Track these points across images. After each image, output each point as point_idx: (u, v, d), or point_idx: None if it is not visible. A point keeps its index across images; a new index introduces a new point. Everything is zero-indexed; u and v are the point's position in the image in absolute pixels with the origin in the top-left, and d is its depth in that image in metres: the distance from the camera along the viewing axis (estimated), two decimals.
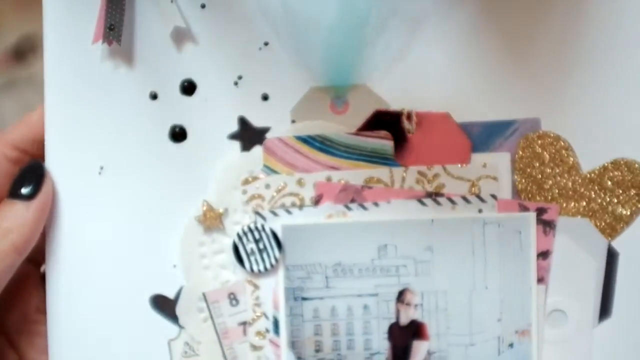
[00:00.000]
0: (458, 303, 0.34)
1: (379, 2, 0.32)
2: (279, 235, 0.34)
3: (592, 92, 0.34)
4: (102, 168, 0.35)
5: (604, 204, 0.34)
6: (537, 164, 0.34)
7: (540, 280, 0.34)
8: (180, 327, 0.35)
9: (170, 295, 0.35)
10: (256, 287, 0.34)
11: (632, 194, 0.34)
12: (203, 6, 0.33)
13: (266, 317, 0.34)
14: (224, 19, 0.33)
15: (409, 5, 0.33)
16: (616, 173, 0.34)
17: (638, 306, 0.34)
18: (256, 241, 0.34)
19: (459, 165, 0.34)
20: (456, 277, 0.34)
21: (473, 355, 0.34)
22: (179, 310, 0.34)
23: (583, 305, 0.35)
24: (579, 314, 0.35)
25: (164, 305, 0.35)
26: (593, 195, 0.34)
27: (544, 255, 0.34)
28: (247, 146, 0.34)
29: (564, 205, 0.34)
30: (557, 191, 0.34)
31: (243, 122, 0.34)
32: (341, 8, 0.33)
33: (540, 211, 0.34)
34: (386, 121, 0.34)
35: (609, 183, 0.34)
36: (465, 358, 0.35)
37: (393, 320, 0.34)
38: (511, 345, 0.35)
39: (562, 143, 0.34)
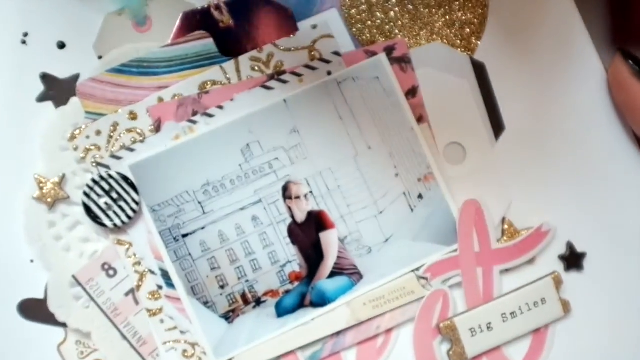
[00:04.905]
0: (347, 175, 0.31)
1: None
2: (130, 177, 0.30)
3: None
4: None
5: (446, 20, 0.32)
6: (365, 8, 0.32)
7: (420, 119, 0.32)
8: (63, 325, 0.30)
9: (40, 295, 0.30)
10: (128, 244, 0.30)
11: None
12: None
13: (152, 272, 0.30)
14: None
15: None
16: None
17: (524, 111, 0.32)
18: (107, 192, 0.29)
19: (290, 37, 0.31)
20: (334, 149, 0.31)
21: (386, 223, 0.31)
22: (52, 306, 0.29)
23: (474, 129, 0.32)
24: (474, 139, 0.32)
25: (36, 310, 0.30)
26: (432, 16, 0.32)
27: (412, 92, 0.32)
28: (61, 102, 0.30)
29: (409, 38, 0.32)
30: (396, 28, 0.32)
31: (46, 78, 0.30)
32: None
33: (388, 50, 0.32)
34: (197, 21, 0.31)
35: None
36: (380, 228, 0.31)
37: (289, 221, 0.31)
38: (420, 196, 0.31)
39: None
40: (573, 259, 0.32)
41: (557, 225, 0.32)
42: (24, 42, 0.30)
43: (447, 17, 0.32)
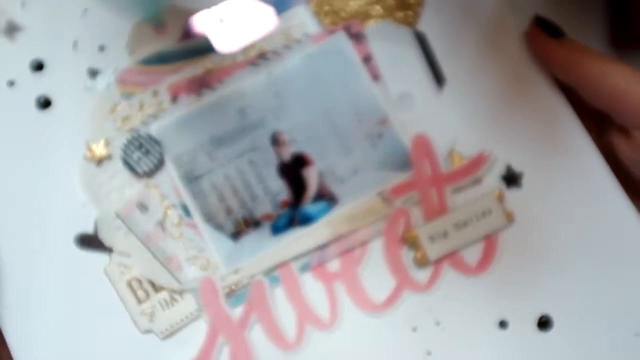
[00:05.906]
0: (320, 124, 0.40)
1: None
2: (155, 136, 0.39)
3: None
4: None
5: (392, 3, 0.41)
6: (329, 1, 0.42)
7: (375, 77, 0.40)
8: (109, 251, 0.38)
9: (90, 230, 0.39)
10: (156, 187, 0.39)
11: None
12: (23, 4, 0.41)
13: (174, 207, 0.39)
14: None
15: None
16: None
17: (463, 66, 0.41)
18: (139, 148, 0.39)
19: (270, 27, 0.41)
20: (308, 105, 0.40)
21: (354, 158, 0.39)
22: (101, 235, 0.38)
23: (421, 82, 0.40)
24: (422, 90, 0.40)
25: (89, 242, 0.39)
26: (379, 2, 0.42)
27: (367, 59, 0.40)
28: (102, 87, 0.40)
29: (364, 19, 0.41)
30: (353, 12, 0.41)
31: (91, 71, 0.40)
32: None
33: (346, 29, 0.41)
34: (201, 23, 0.41)
35: None
36: (350, 163, 0.39)
37: (278, 162, 0.39)
38: (380, 136, 0.40)
39: None
40: (512, 178, 0.39)
41: (498, 152, 0.40)
42: (74, 47, 0.41)
43: (393, 2, 0.41)
